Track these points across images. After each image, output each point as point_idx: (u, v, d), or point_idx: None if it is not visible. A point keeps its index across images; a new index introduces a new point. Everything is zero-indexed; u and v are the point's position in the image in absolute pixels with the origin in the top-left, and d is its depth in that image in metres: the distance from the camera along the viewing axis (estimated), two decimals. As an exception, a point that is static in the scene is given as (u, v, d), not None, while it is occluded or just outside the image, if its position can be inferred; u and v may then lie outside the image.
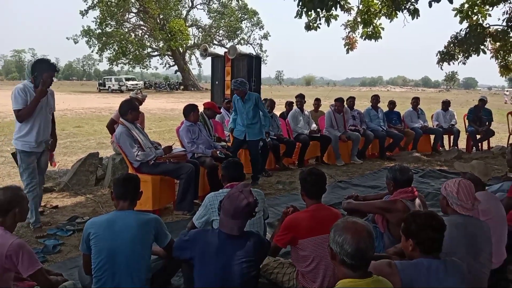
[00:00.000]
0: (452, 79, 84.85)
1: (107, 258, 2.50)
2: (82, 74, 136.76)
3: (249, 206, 2.44)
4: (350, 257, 1.81)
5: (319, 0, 5.47)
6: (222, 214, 2.47)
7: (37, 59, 4.31)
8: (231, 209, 2.41)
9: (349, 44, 10.35)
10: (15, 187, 2.58)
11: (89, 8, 42.19)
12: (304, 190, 2.87)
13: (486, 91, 75.54)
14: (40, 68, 4.09)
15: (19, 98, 4.02)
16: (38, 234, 4.11)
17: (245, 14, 50.90)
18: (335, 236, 1.87)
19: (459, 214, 2.60)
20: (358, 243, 1.80)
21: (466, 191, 2.60)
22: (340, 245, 1.83)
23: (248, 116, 6.20)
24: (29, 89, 4.07)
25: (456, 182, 2.66)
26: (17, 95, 4.03)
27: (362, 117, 8.57)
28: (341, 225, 1.89)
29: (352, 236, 1.82)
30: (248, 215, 2.49)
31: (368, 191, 5.81)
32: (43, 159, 4.37)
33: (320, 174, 2.89)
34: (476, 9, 9.87)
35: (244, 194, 2.46)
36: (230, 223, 2.43)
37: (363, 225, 1.89)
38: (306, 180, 2.85)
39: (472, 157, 8.06)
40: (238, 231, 2.44)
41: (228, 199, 2.46)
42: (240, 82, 6.20)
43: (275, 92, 42.11)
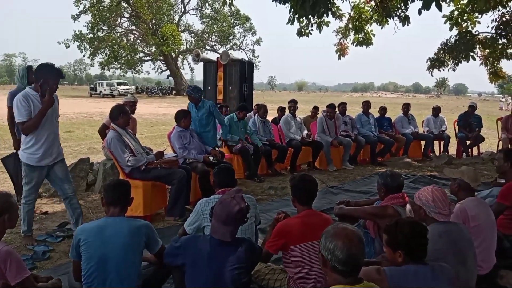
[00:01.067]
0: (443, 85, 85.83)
1: (97, 264, 2.48)
2: (74, 78, 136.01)
3: (241, 212, 2.44)
4: (342, 263, 1.80)
5: (310, 7, 5.49)
6: (214, 220, 2.46)
7: (42, 64, 3.99)
8: (223, 215, 2.41)
9: (340, 50, 10.47)
10: (5, 194, 2.55)
11: (80, 12, 42.03)
12: (295, 196, 2.87)
13: (476, 97, 76.50)
14: (46, 75, 3.79)
15: (22, 109, 3.70)
16: (28, 242, 4.01)
17: (237, 19, 51.04)
18: (326, 243, 1.86)
19: (438, 222, 2.58)
20: (349, 249, 1.80)
21: (441, 198, 2.60)
22: (331, 252, 1.83)
23: (201, 123, 6.05)
24: (31, 97, 3.76)
25: (429, 191, 2.65)
26: (19, 105, 3.70)
27: (354, 123, 8.62)
28: (332, 232, 1.88)
29: (343, 242, 1.81)
30: (240, 221, 2.49)
31: (359, 196, 5.83)
32: (57, 168, 4.07)
33: (311, 180, 2.90)
34: (465, 17, 10.03)
35: (236, 200, 2.45)
36: (222, 229, 2.42)
37: (353, 231, 1.89)
38: (297, 186, 2.86)
39: (462, 163, 8.14)
40: (230, 237, 2.43)
41: (220, 205, 2.45)
42: (193, 88, 6.20)
43: (268, 97, 42.18)
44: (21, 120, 3.73)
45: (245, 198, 3.20)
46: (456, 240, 2.53)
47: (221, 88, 10.71)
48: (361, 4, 9.58)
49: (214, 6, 50.53)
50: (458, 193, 3.28)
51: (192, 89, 6.14)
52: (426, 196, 2.63)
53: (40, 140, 3.85)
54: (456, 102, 44.52)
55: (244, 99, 10.19)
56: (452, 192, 3.41)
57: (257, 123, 7.51)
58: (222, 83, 10.69)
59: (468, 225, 2.99)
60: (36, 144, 3.84)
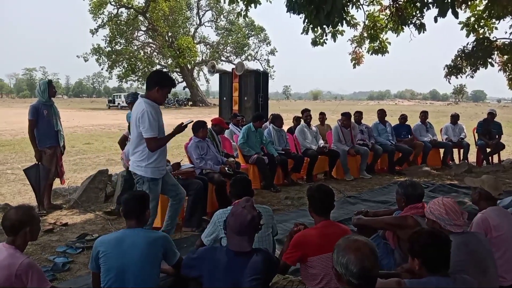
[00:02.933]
0: (461, 92, 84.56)
1: (116, 276, 2.50)
2: (92, 91, 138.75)
3: (254, 220, 2.45)
4: (356, 277, 1.78)
5: (325, 17, 5.49)
6: (229, 233, 2.47)
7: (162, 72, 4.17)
8: (237, 226, 2.42)
9: (355, 59, 10.44)
10: (27, 207, 2.60)
11: (99, 26, 42.99)
12: (312, 206, 2.86)
13: (495, 104, 75.10)
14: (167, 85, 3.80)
15: (154, 124, 3.63)
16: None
17: (252, 30, 51.51)
18: (338, 257, 1.84)
19: (454, 233, 2.51)
20: (362, 262, 1.77)
21: (454, 208, 2.55)
22: (344, 266, 1.80)
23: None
24: (156, 108, 3.73)
25: (440, 204, 2.60)
26: (151, 120, 3.61)
27: (371, 131, 8.55)
28: (343, 245, 1.86)
29: (355, 256, 1.79)
30: (254, 229, 2.49)
31: (377, 206, 5.75)
32: (167, 176, 4.09)
33: (328, 190, 2.88)
34: (482, 23, 9.91)
35: (247, 209, 2.47)
36: (238, 240, 2.42)
37: (365, 242, 1.87)
38: (314, 197, 2.84)
39: (482, 171, 7.97)
40: (248, 247, 2.43)
41: (233, 217, 2.46)
42: (133, 95, 5.50)
43: (283, 106, 42.22)
44: (153, 136, 3.65)
45: (262, 208, 3.21)
46: (475, 250, 2.48)
47: (236, 99, 10.78)
48: (375, 13, 9.56)
49: (229, 18, 51.11)
50: (479, 202, 3.22)
51: (135, 96, 5.28)
52: (438, 210, 2.58)
53: (162, 152, 3.86)
54: (475, 109, 43.80)
55: (259, 109, 10.23)
56: (473, 201, 3.35)
57: (272, 133, 7.51)
58: (237, 94, 10.76)
59: (491, 235, 2.93)
60: (159, 157, 3.82)
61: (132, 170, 3.87)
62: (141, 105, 3.69)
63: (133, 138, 3.83)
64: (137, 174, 3.81)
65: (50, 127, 5.41)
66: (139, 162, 3.77)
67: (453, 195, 6.51)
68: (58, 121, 5.55)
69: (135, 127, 3.73)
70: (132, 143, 3.88)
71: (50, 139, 5.42)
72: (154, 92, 3.73)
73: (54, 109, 5.53)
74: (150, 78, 3.84)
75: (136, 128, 3.74)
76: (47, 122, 5.37)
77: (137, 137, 3.75)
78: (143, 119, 3.62)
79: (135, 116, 3.74)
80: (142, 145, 3.74)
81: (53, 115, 5.46)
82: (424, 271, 2.14)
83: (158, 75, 3.99)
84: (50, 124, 5.41)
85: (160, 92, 3.74)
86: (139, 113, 3.66)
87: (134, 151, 3.80)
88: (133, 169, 3.84)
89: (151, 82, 3.76)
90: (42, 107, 5.35)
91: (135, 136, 3.77)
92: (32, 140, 5.36)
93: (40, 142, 5.35)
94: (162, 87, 3.74)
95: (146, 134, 3.64)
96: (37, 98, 5.45)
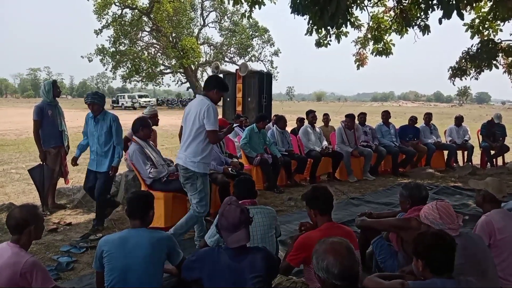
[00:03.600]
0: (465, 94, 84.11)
1: (119, 276, 2.51)
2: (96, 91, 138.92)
3: (244, 213, 2.48)
4: (339, 278, 1.80)
5: (329, 18, 5.48)
6: (223, 233, 2.48)
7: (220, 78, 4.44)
8: (229, 223, 2.44)
9: (359, 60, 10.43)
10: (32, 206, 2.61)
11: (103, 27, 43.11)
12: (317, 208, 2.86)
13: (499, 106, 74.75)
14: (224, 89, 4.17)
15: (216, 119, 3.97)
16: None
17: (256, 31, 51.46)
18: (318, 262, 1.86)
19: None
20: (341, 262, 1.80)
21: (447, 212, 2.55)
22: (325, 270, 1.82)
23: (99, 142, 4.90)
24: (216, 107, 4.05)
25: (434, 208, 2.60)
26: (215, 114, 3.94)
27: (374, 133, 8.53)
28: (320, 250, 1.88)
29: (334, 257, 1.81)
30: (247, 222, 2.51)
31: (381, 207, 5.75)
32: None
33: (326, 189, 2.93)
34: (487, 25, 9.87)
35: (234, 205, 2.51)
36: (235, 236, 2.43)
37: (340, 242, 1.89)
38: (317, 198, 2.85)
39: (487, 173, 7.94)
40: (246, 239, 2.45)
41: (223, 216, 2.48)
42: (95, 94, 4.94)
43: (286, 108, 42.22)
44: (216, 129, 3.95)
45: (265, 210, 3.22)
46: (473, 253, 2.48)
47: (240, 100, 10.78)
48: (380, 14, 9.54)
49: (233, 19, 51.10)
50: (483, 204, 3.21)
51: (95, 96, 4.89)
52: (432, 214, 2.58)
53: (211, 150, 4.16)
54: (479, 111, 43.62)
55: (263, 110, 10.22)
56: (478, 203, 3.34)
57: (275, 134, 7.51)
58: (241, 95, 10.76)
59: (495, 238, 2.92)
60: (209, 153, 4.08)
61: (183, 165, 4.00)
62: (204, 102, 3.97)
63: (190, 133, 3.98)
64: (189, 169, 3.97)
65: (55, 127, 5.43)
66: (192, 157, 3.96)
67: (457, 197, 6.50)
68: (62, 121, 5.57)
69: (197, 120, 3.91)
70: (187, 137, 4.02)
71: (55, 139, 5.45)
72: (213, 93, 4.05)
73: (58, 109, 5.55)
74: (209, 81, 4.13)
75: (192, 124, 3.95)
76: (51, 122, 5.39)
77: (194, 132, 3.95)
78: (209, 113, 3.88)
79: (195, 111, 3.94)
80: (196, 141, 3.94)
81: (57, 115, 5.49)
82: (427, 273, 2.14)
83: (217, 79, 4.27)
84: (55, 124, 5.43)
85: (217, 95, 4.07)
86: (203, 108, 3.90)
87: (189, 146, 3.99)
88: (185, 164, 3.99)
89: (211, 85, 4.07)
90: (46, 107, 5.37)
91: (193, 131, 3.96)
92: (37, 141, 5.38)
93: (44, 142, 5.38)
94: (220, 90, 4.09)
95: (210, 127, 3.89)
96: (42, 98, 5.47)
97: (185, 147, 4.02)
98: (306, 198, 2.94)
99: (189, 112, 4.06)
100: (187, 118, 4.07)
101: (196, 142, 3.94)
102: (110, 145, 4.92)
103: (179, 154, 4.08)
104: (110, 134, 4.93)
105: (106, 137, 4.91)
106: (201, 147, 3.94)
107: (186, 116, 4.09)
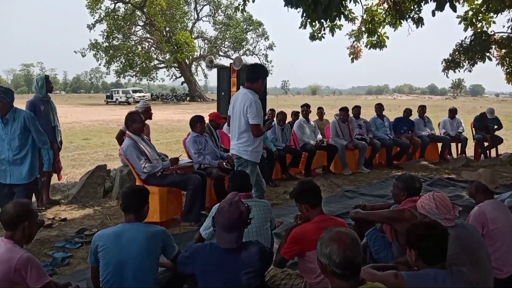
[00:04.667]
0: (459, 87, 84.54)
1: (114, 270, 2.51)
2: (90, 87, 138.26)
3: (242, 216, 2.44)
4: (340, 267, 1.81)
5: (323, 11, 5.48)
6: (217, 229, 2.46)
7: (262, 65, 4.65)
8: (225, 223, 2.41)
9: (353, 53, 10.44)
10: (25, 202, 2.60)
11: (96, 22, 42.79)
12: (306, 202, 2.86)
13: (493, 98, 75.14)
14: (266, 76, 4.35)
15: (260, 113, 4.13)
16: None
17: (250, 25, 51.27)
18: (321, 248, 1.87)
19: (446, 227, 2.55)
20: (344, 252, 1.80)
21: (443, 202, 2.57)
22: (327, 257, 1.83)
23: (12, 147, 4.29)
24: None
25: (430, 198, 2.62)
26: (258, 109, 4.11)
27: (369, 126, 8.56)
28: (326, 237, 1.89)
29: (338, 246, 1.82)
30: (243, 225, 2.48)
31: (375, 200, 5.78)
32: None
33: (312, 182, 2.97)
34: (480, 17, 9.90)
35: (234, 206, 2.45)
36: (227, 237, 2.41)
37: (347, 233, 1.90)
38: (305, 192, 2.87)
39: (480, 165, 7.99)
40: (236, 243, 2.42)
41: (220, 214, 2.45)
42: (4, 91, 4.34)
43: (281, 102, 42.08)
44: (259, 123, 4.15)
45: (260, 202, 3.23)
46: (468, 243, 2.50)
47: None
48: (373, 7, 9.53)
49: (227, 12, 50.89)
50: (476, 195, 3.24)
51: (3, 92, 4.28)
52: (428, 204, 2.60)
53: (261, 139, 4.38)
54: (473, 103, 43.79)
55: (258, 104, 10.21)
56: (470, 194, 3.37)
57: (276, 130, 7.48)
58: (235, 89, 10.71)
59: (487, 228, 2.95)
60: (260, 143, 4.34)
61: (237, 154, 4.32)
62: (247, 95, 4.17)
63: (239, 125, 4.26)
64: (241, 158, 4.30)
65: (47, 123, 5.36)
66: (245, 146, 4.25)
67: (451, 188, 6.55)
68: (55, 117, 5.53)
69: (242, 114, 4.18)
70: (237, 129, 4.29)
71: (48, 135, 5.37)
72: (259, 83, 4.25)
73: (51, 104, 5.51)
74: (254, 71, 4.31)
75: (243, 116, 4.19)
76: (44, 118, 5.32)
77: (244, 124, 4.21)
78: (251, 107, 4.08)
79: (242, 105, 4.18)
80: (247, 132, 4.22)
81: (50, 111, 5.44)
82: (420, 263, 2.16)
83: (262, 68, 4.43)
84: (47, 120, 5.38)
85: (262, 83, 4.27)
86: (247, 102, 4.12)
87: (241, 136, 4.27)
88: (238, 153, 4.30)
89: (255, 75, 4.25)
90: (39, 103, 5.32)
91: (242, 124, 4.23)
92: None
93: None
94: (264, 78, 4.29)
95: (253, 120, 4.11)
96: (34, 94, 5.42)
97: (236, 137, 4.31)
98: (294, 195, 2.94)
99: (234, 105, 4.33)
100: (234, 110, 4.33)
101: (248, 133, 4.21)
102: (27, 150, 4.36)
103: (232, 145, 4.40)
104: (26, 136, 4.34)
105: (20, 140, 4.31)
106: (252, 137, 4.22)
107: (233, 109, 4.35)
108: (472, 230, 2.65)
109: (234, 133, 4.37)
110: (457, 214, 2.60)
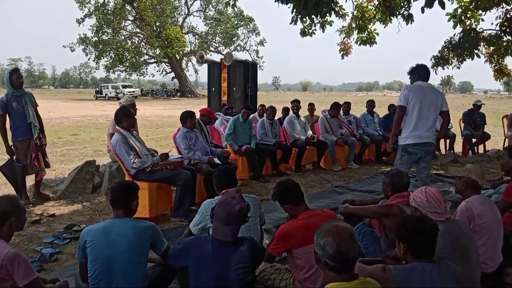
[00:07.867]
0: (448, 83, 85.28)
1: (103, 266, 2.49)
2: (79, 82, 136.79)
3: (242, 211, 2.45)
4: (332, 259, 1.82)
5: (313, 7, 5.48)
6: (215, 221, 2.47)
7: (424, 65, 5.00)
8: (224, 216, 2.42)
9: (344, 50, 10.46)
10: (12, 196, 2.57)
11: (85, 16, 42.35)
12: (290, 201, 2.86)
13: (482, 95, 75.96)
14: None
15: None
16: None
17: (241, 21, 51.18)
18: (317, 240, 1.89)
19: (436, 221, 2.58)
20: (339, 245, 1.81)
21: (435, 197, 2.60)
22: (322, 248, 1.85)
23: None
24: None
25: (422, 191, 2.65)
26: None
27: (358, 122, 8.61)
28: (324, 229, 1.91)
29: (333, 238, 1.83)
30: (241, 220, 2.49)
31: (365, 195, 5.82)
32: None
33: (289, 180, 2.96)
34: (469, 14, 9.97)
35: (236, 200, 2.46)
36: (224, 229, 2.43)
37: (344, 227, 1.91)
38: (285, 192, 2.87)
39: (468, 161, 8.10)
40: (232, 237, 2.44)
41: (221, 206, 2.46)
42: None
43: (272, 97, 42.14)
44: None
45: (250, 198, 3.23)
46: (457, 238, 2.53)
47: (225, 89, 10.74)
48: (364, 3, 9.56)
49: (218, 7, 50.72)
50: (464, 191, 3.26)
51: None
52: (420, 197, 2.64)
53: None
54: (462, 100, 44.18)
55: (248, 100, 10.21)
56: (458, 190, 3.40)
57: (265, 125, 7.49)
58: (226, 84, 10.72)
59: (474, 223, 2.98)
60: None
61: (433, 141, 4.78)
62: (437, 89, 4.87)
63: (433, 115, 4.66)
64: (433, 144, 4.83)
65: (22, 119, 5.10)
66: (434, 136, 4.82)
67: (439, 184, 6.62)
68: (31, 112, 5.19)
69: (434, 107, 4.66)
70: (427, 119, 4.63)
71: (23, 132, 5.14)
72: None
73: (25, 98, 5.16)
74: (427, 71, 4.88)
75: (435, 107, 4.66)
76: (18, 115, 5.07)
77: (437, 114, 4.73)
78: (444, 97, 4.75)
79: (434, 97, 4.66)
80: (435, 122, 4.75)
81: (24, 106, 5.14)
82: (409, 257, 2.19)
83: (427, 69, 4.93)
84: (23, 116, 5.11)
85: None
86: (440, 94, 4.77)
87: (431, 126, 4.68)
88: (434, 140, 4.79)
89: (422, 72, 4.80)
90: (11, 99, 5.04)
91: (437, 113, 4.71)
92: (3, 136, 5.11)
93: (13, 135, 5.13)
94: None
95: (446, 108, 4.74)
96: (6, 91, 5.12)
97: (428, 126, 4.64)
98: (276, 198, 2.93)
99: (424, 97, 4.62)
100: (423, 102, 4.60)
101: (435, 123, 4.73)
102: None
103: (428, 134, 4.67)
104: None
105: None
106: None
107: (421, 101, 4.60)
108: (462, 226, 2.68)
109: (424, 122, 4.62)
110: (448, 209, 2.64)
